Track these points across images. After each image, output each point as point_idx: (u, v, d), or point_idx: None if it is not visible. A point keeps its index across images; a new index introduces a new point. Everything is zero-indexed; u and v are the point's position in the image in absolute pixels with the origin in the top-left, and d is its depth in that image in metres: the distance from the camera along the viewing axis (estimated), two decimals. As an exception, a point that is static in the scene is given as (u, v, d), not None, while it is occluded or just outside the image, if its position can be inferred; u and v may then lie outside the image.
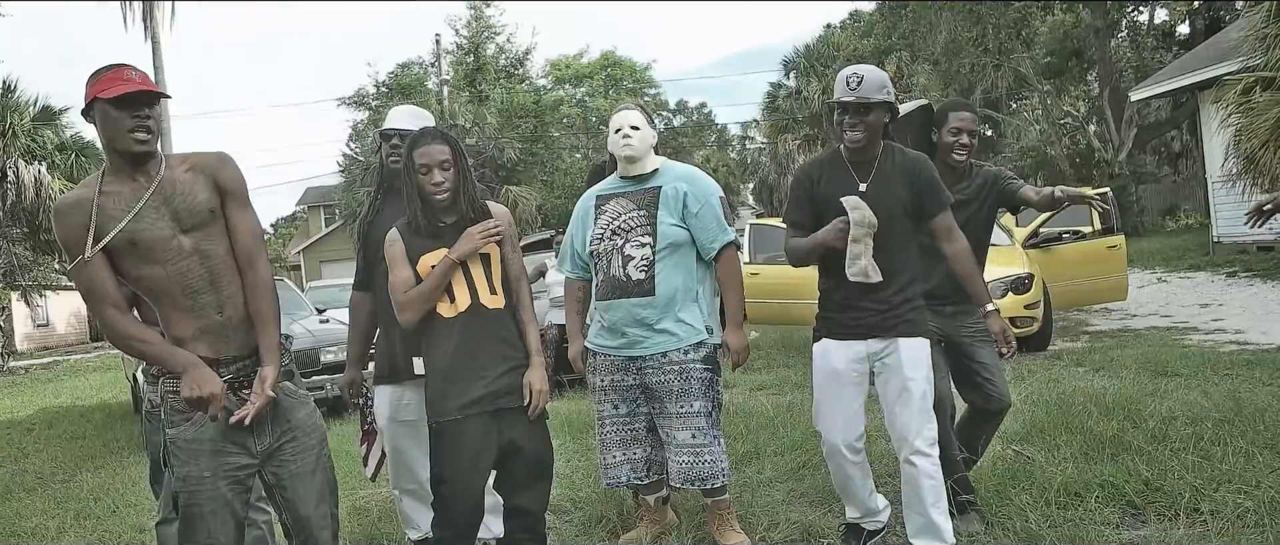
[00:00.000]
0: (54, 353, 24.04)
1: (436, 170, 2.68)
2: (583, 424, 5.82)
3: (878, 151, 3.01)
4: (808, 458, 4.42)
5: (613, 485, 3.25)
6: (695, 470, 3.08)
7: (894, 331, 2.96)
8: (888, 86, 2.96)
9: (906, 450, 2.95)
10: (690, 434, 3.08)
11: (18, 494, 5.77)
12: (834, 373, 3.04)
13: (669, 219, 3.08)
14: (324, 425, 2.50)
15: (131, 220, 2.22)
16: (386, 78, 25.86)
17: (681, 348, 3.08)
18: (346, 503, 4.60)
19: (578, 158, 28.29)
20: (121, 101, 2.20)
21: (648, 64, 32.55)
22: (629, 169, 3.20)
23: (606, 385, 3.20)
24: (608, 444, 3.22)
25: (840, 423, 3.06)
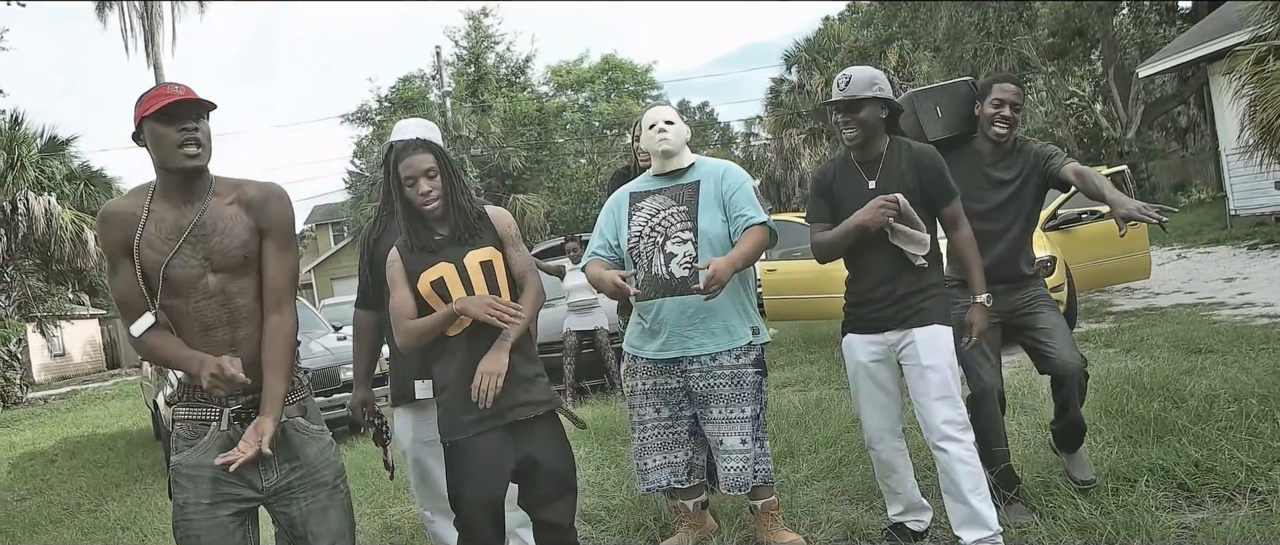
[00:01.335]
0: (71, 382, 24.10)
1: (422, 180, 2.61)
2: (609, 430, 5.76)
3: (883, 148, 3.07)
4: (843, 454, 4.35)
5: (652, 490, 3.17)
6: (744, 476, 3.01)
7: (909, 322, 3.02)
8: (878, 83, 3.02)
9: (934, 437, 2.99)
10: (739, 440, 3.00)
11: (46, 526, 5.74)
12: (859, 365, 3.13)
13: (710, 214, 3.01)
14: (340, 461, 2.40)
15: (163, 253, 2.20)
16: (388, 92, 25.89)
17: (731, 350, 3.00)
18: (378, 520, 4.55)
19: (583, 163, 28.26)
20: (168, 116, 2.16)
21: (648, 66, 32.49)
22: (665, 165, 3.12)
23: (647, 388, 3.11)
24: (647, 448, 3.13)
25: (876, 412, 3.14)
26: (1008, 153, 3.37)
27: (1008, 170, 3.35)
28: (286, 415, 2.25)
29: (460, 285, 2.63)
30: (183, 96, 2.17)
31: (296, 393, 2.31)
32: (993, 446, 3.33)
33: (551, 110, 27.08)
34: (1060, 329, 3.34)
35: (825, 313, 8.05)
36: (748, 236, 2.92)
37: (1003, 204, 3.32)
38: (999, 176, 3.34)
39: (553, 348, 7.53)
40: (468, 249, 2.66)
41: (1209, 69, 13.83)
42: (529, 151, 24.52)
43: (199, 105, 2.20)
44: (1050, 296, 3.42)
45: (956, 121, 3.42)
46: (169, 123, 2.16)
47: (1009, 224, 3.35)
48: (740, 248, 2.91)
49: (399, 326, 2.68)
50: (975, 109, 3.40)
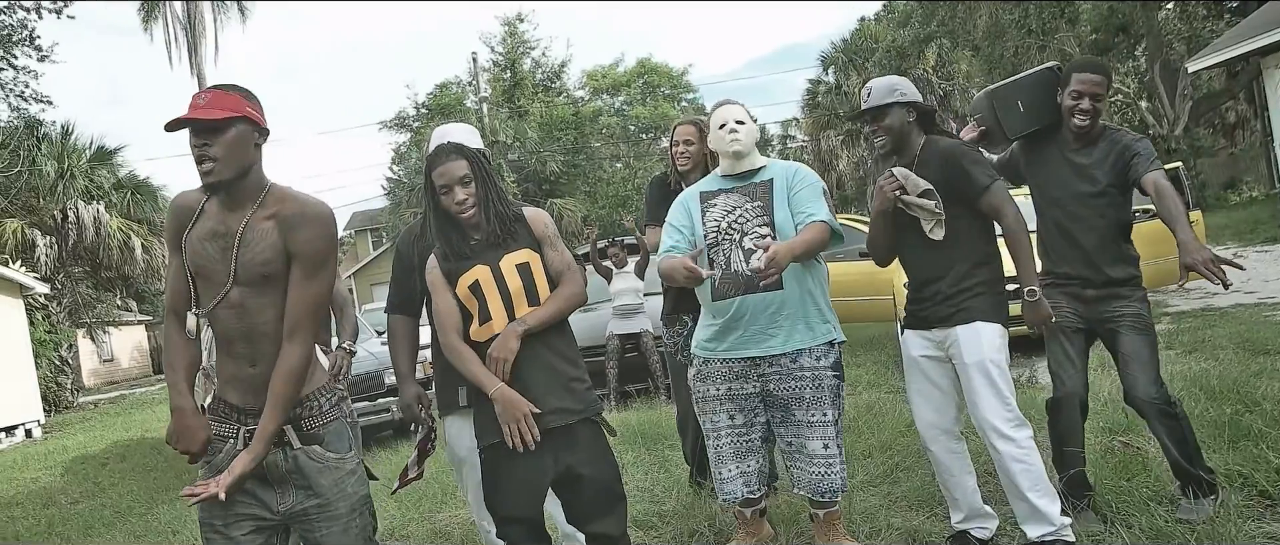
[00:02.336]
0: (119, 387, 24.53)
1: (457, 188, 2.58)
2: (655, 434, 5.70)
3: (917, 148, 3.08)
4: (900, 459, 4.25)
5: (729, 501, 3.06)
6: (827, 481, 2.92)
7: (952, 321, 3.02)
8: (899, 89, 3.07)
9: (986, 436, 2.99)
10: (822, 444, 2.92)
11: (98, 529, 5.81)
12: (912, 361, 3.17)
13: (786, 210, 2.93)
14: (361, 491, 2.29)
15: (200, 255, 2.20)
16: (426, 99, 26.09)
17: (811, 350, 2.91)
18: (426, 525, 4.53)
19: (619, 167, 28.25)
20: (177, 130, 2.14)
21: (684, 69, 32.38)
22: (736, 165, 3.04)
23: (721, 393, 3.01)
24: (722, 457, 3.03)
25: (928, 407, 3.15)
26: (1094, 140, 3.22)
27: (1090, 158, 3.21)
28: (303, 443, 2.19)
29: (495, 288, 2.60)
30: (186, 116, 2.12)
31: (316, 419, 2.23)
32: (1065, 448, 3.25)
33: (587, 115, 27.13)
34: (1140, 357, 3.15)
35: (871, 315, 7.93)
36: (809, 228, 2.86)
37: (1086, 196, 3.20)
38: (1081, 162, 3.22)
39: (596, 351, 7.49)
40: (503, 252, 2.63)
41: (1262, 63, 13.47)
42: (565, 156, 24.59)
43: (203, 123, 2.12)
44: (1144, 315, 3.20)
45: (1041, 112, 3.29)
46: (192, 135, 2.14)
47: (1093, 218, 3.20)
48: (801, 236, 2.84)
49: (444, 338, 2.67)
50: (1059, 97, 3.26)
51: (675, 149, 4.17)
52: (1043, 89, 3.29)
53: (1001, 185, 3.00)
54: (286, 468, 2.19)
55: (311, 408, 2.22)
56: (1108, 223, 3.21)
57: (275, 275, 2.15)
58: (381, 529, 4.47)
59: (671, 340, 4.28)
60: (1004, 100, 3.34)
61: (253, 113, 2.18)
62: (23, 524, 6.43)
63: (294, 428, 2.19)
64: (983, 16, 22.10)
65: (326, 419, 2.24)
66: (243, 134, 2.15)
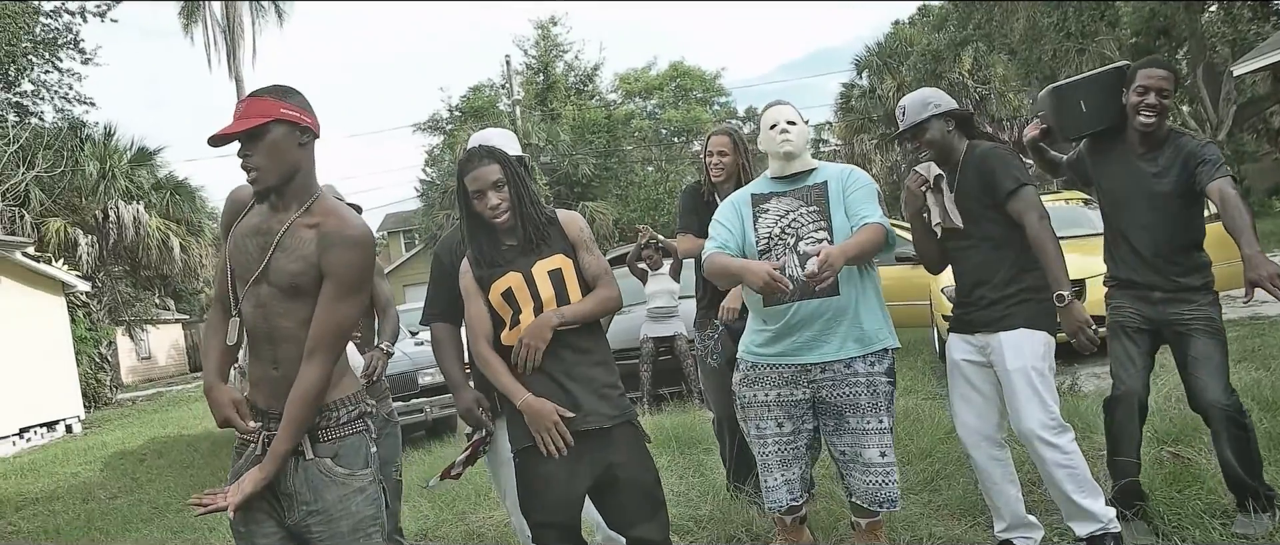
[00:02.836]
0: (156, 384, 24.90)
1: (490, 192, 2.56)
2: (690, 439, 5.66)
3: (960, 155, 3.08)
4: (940, 467, 4.18)
5: (775, 508, 2.99)
6: (884, 491, 2.85)
7: (996, 326, 3.01)
8: (933, 101, 3.10)
9: (1030, 444, 2.97)
10: (879, 452, 2.84)
11: (137, 525, 5.87)
12: (955, 365, 3.17)
13: (842, 214, 2.86)
14: (369, 512, 2.19)
15: (239, 249, 2.20)
16: (459, 101, 26.25)
17: (866, 356, 2.84)
18: (460, 527, 4.52)
19: (650, 171, 28.23)
20: (220, 145, 2.14)
21: (716, 72, 32.30)
22: (786, 167, 2.96)
23: (770, 400, 2.94)
24: (769, 464, 2.96)
25: (969, 411, 3.14)
26: (1159, 143, 3.12)
27: (1156, 163, 3.12)
28: (316, 454, 2.14)
29: (528, 295, 2.58)
30: (224, 131, 2.11)
31: (333, 430, 2.17)
32: (1118, 455, 3.18)
33: (619, 118, 27.16)
34: (1211, 361, 3.05)
35: (907, 320, 7.82)
36: (863, 230, 2.79)
37: (1151, 203, 3.11)
38: (1148, 169, 3.13)
39: (630, 354, 7.45)
40: (536, 258, 2.60)
41: (1311, 67, 13.17)
42: (597, 159, 24.64)
43: (238, 135, 2.10)
44: (1215, 319, 3.11)
45: (1105, 113, 3.20)
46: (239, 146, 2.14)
47: (1159, 226, 3.11)
48: (855, 238, 2.77)
49: (474, 346, 2.67)
50: (1124, 97, 3.17)
51: (709, 159, 4.13)
52: (1108, 89, 3.20)
53: (1029, 191, 2.94)
54: (296, 479, 2.14)
55: (329, 418, 2.16)
56: (1174, 230, 3.11)
57: (304, 285, 2.11)
58: (414, 529, 4.48)
59: (703, 344, 4.23)
60: (1066, 98, 3.26)
61: (289, 113, 2.13)
62: (63, 518, 6.51)
63: (310, 437, 2.15)
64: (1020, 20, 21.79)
65: (344, 432, 2.18)
66: (281, 136, 2.12)
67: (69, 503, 7.15)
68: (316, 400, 2.11)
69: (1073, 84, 3.33)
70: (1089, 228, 8.09)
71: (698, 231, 4.17)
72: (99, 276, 18.91)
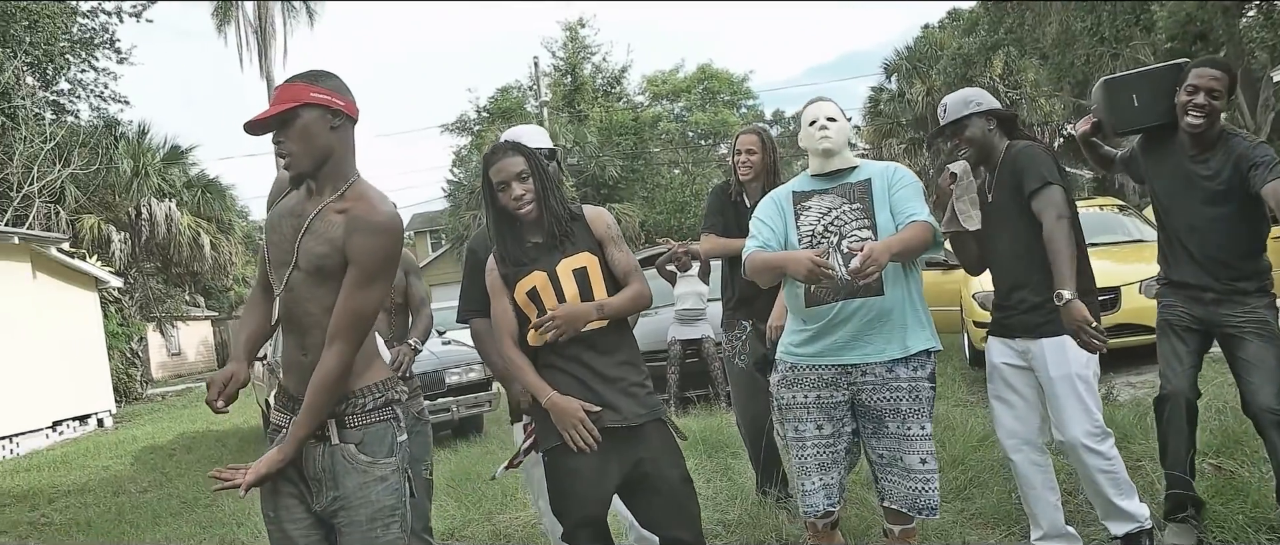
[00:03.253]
0: (186, 380, 25.17)
1: (514, 183, 2.55)
2: (717, 442, 5.62)
3: (1000, 155, 3.08)
4: (973, 475, 4.12)
5: (811, 513, 2.91)
6: (924, 498, 2.79)
7: (1039, 332, 2.98)
8: (974, 100, 3.10)
9: (1073, 450, 2.96)
10: (919, 459, 2.79)
11: (166, 519, 5.91)
12: (994, 368, 3.14)
13: (886, 212, 2.81)
14: (390, 502, 2.16)
15: (274, 230, 2.21)
16: (487, 102, 26.36)
17: (908, 361, 2.78)
18: (487, 527, 4.51)
19: (677, 173, 28.20)
20: (258, 133, 2.15)
21: (744, 75, 32.24)
22: (826, 164, 2.91)
23: (811, 402, 2.87)
24: (806, 468, 2.88)
25: (1010, 416, 3.12)
26: (1210, 145, 3.05)
27: (1207, 165, 3.04)
28: (342, 440, 2.13)
29: (553, 294, 2.56)
30: (254, 118, 2.12)
31: (357, 417, 2.15)
32: (1167, 456, 3.14)
33: (647, 120, 27.15)
34: (1264, 364, 2.97)
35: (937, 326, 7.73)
36: (908, 227, 2.74)
37: (1203, 206, 3.05)
38: (1199, 171, 3.06)
39: (657, 356, 7.42)
40: (560, 256, 2.59)
41: (1353, 72, 12.89)
42: (624, 161, 24.62)
43: (272, 120, 2.11)
44: (1270, 322, 3.03)
45: (1156, 110, 3.13)
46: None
47: (1211, 230, 3.04)
48: (899, 235, 2.72)
49: (499, 345, 2.67)
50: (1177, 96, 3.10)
51: (737, 158, 4.10)
52: (1161, 85, 3.12)
53: (1053, 190, 2.90)
54: (321, 464, 2.14)
55: (355, 405, 2.15)
56: (1227, 234, 3.04)
57: (329, 269, 2.10)
58: (441, 529, 4.47)
59: (730, 345, 4.20)
60: (1118, 92, 3.19)
61: (320, 96, 2.12)
62: (94, 510, 6.58)
63: (337, 423, 2.14)
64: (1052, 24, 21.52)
65: (369, 419, 2.16)
66: (311, 120, 2.11)
67: (100, 495, 7.22)
68: (334, 386, 2.09)
69: (1126, 78, 3.26)
70: (1123, 234, 7.97)
71: (722, 231, 4.14)
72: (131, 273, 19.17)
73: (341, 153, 2.16)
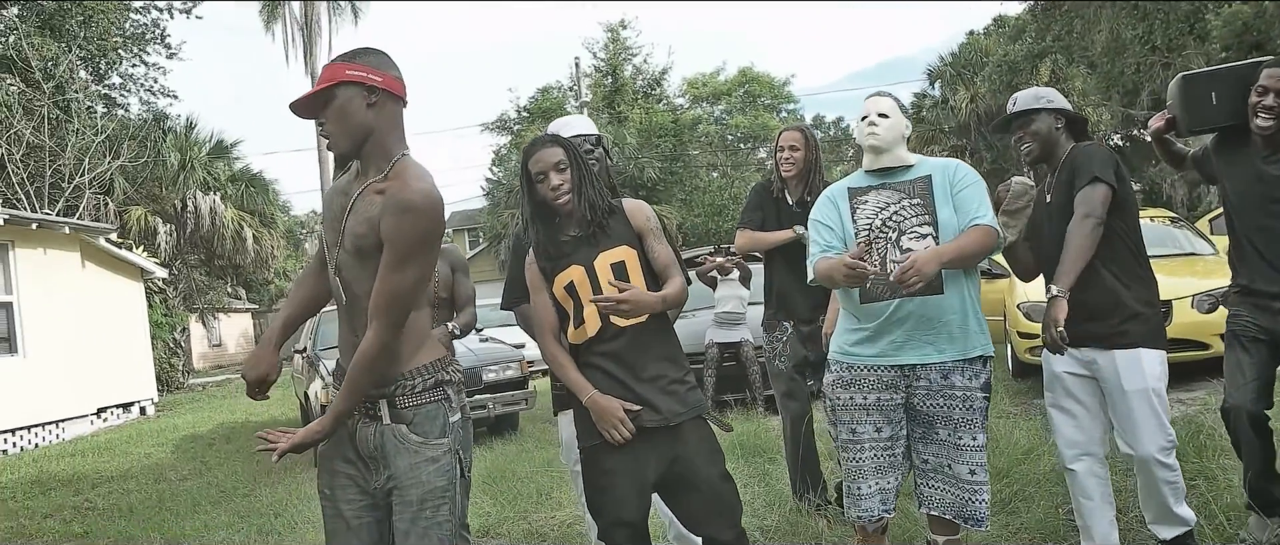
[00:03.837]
0: (226, 371, 25.57)
1: (552, 174, 2.53)
2: (754, 446, 5.57)
3: (1063, 155, 3.02)
4: (1018, 487, 4.03)
5: (865, 519, 2.80)
6: (971, 507, 2.72)
7: (1109, 343, 2.91)
8: (1045, 96, 3.05)
9: (1146, 464, 2.91)
10: (969, 469, 2.71)
11: (205, 507, 5.98)
12: (1055, 377, 3.04)
13: (950, 209, 2.73)
14: (439, 484, 2.13)
15: (327, 208, 2.22)
16: (527, 102, 26.47)
17: (964, 367, 2.70)
18: (522, 525, 4.50)
19: (715, 177, 28.10)
20: (305, 116, 2.16)
21: (786, 79, 32.04)
22: (877, 161, 2.83)
23: (870, 403, 2.76)
24: (863, 471, 2.77)
25: (1071, 425, 3.03)
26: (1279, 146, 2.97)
27: (1277, 165, 2.97)
28: (393, 419, 2.13)
29: (589, 288, 2.54)
30: (296, 99, 2.12)
31: (408, 398, 2.14)
32: (1244, 468, 3.10)
33: (686, 122, 27.08)
34: None
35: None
36: (968, 233, 2.66)
37: (1273, 209, 2.96)
38: (1270, 171, 2.98)
39: (694, 359, 7.37)
40: (598, 250, 2.56)
41: None
42: (663, 163, 24.60)
43: (313, 101, 2.11)
44: None
45: (1233, 109, 3.04)
46: None
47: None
48: (956, 241, 2.64)
49: (541, 340, 2.65)
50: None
51: (780, 155, 4.06)
52: (1242, 83, 3.02)
53: (1097, 188, 2.82)
54: (373, 443, 2.14)
55: (405, 386, 2.13)
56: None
57: (367, 249, 2.08)
58: (476, 526, 4.47)
59: (771, 346, 4.15)
60: (1195, 89, 3.10)
61: (355, 73, 2.08)
62: (136, 496, 6.68)
63: (388, 403, 2.13)
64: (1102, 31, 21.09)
65: (420, 400, 2.14)
66: (348, 99, 2.08)
67: (142, 482, 7.33)
68: (372, 366, 2.07)
69: (1204, 75, 3.17)
70: (1174, 247, 7.78)
71: (759, 227, 4.11)
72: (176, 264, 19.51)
73: (383, 130, 2.12)
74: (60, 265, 11.42)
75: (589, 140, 3.09)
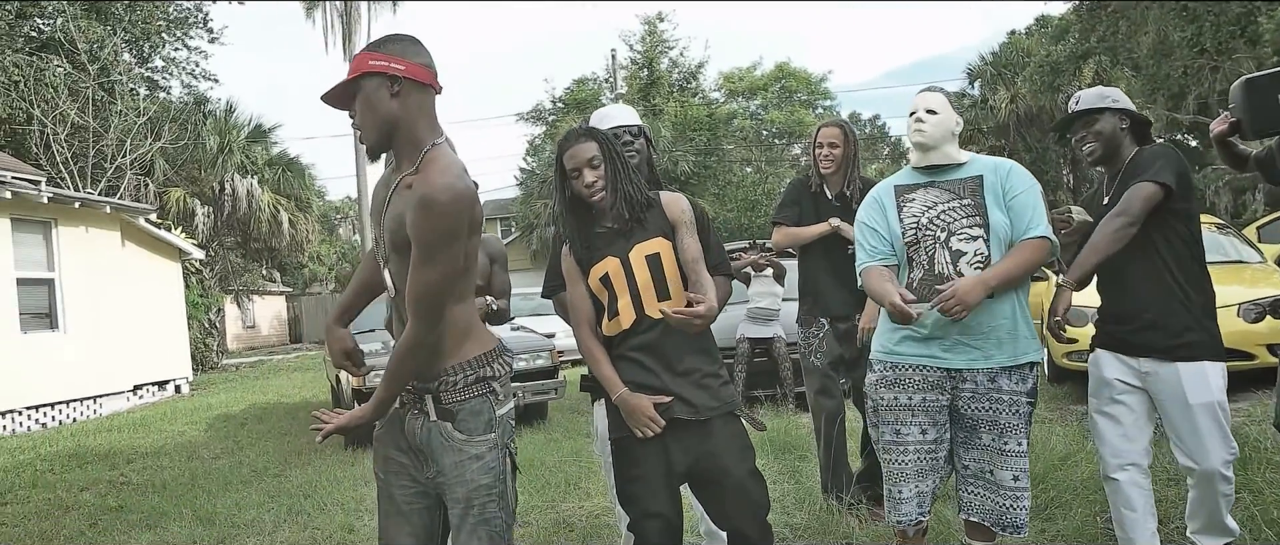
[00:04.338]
0: (259, 352, 25.89)
1: (586, 170, 2.49)
2: (783, 444, 5.52)
3: (1126, 158, 2.96)
4: (1054, 494, 3.95)
5: (904, 524, 2.72)
6: (1012, 515, 2.65)
7: (1171, 355, 2.83)
8: (1110, 95, 2.98)
9: (1209, 479, 2.85)
10: (1012, 475, 2.64)
11: (236, 486, 6.03)
12: (1105, 383, 2.96)
13: (1001, 213, 2.65)
14: (484, 481, 2.10)
15: (373, 202, 2.21)
16: (562, 93, 26.50)
17: (1011, 372, 2.62)
18: (550, 515, 4.49)
19: (749, 172, 27.97)
20: (338, 108, 2.14)
21: (823, 75, 31.78)
22: (924, 158, 2.76)
23: (916, 404, 2.69)
24: (905, 474, 2.70)
25: (1119, 435, 2.94)
26: None
27: None
28: (439, 416, 2.11)
29: (625, 280, 2.51)
30: (326, 91, 2.10)
31: (452, 394, 2.11)
32: None
33: (721, 116, 26.98)
34: None
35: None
36: (1021, 250, 2.59)
37: None
38: None
39: (725, 354, 7.33)
40: (634, 242, 2.53)
41: None
42: (697, 157, 24.53)
43: (341, 93, 2.09)
44: None
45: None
46: None
47: None
48: (1005, 263, 2.57)
49: (576, 332, 2.63)
50: None
51: (819, 151, 4.02)
52: None
53: (1143, 188, 2.77)
54: (421, 438, 2.13)
55: (448, 382, 2.11)
56: None
57: (402, 244, 2.05)
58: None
59: (806, 341, 4.10)
60: (1259, 92, 3.01)
61: (378, 63, 2.03)
62: (169, 473, 6.76)
63: (434, 399, 2.11)
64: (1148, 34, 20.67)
65: (463, 396, 2.11)
66: (372, 89, 2.04)
67: (175, 459, 7.42)
68: (408, 359, 2.06)
69: (1268, 77, 3.08)
70: (1220, 255, 7.61)
71: (795, 222, 4.06)
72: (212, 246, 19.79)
73: (411, 120, 2.07)
74: (101, 244, 11.60)
75: (630, 130, 3.05)
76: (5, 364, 9.69)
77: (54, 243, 10.73)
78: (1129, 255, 2.85)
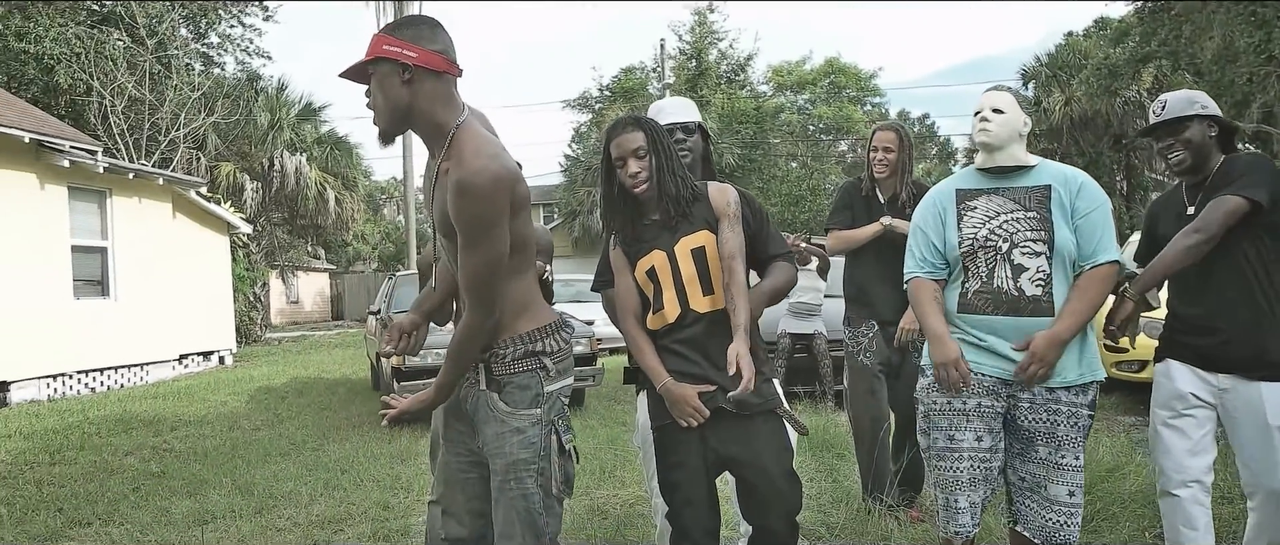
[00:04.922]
0: (302, 327, 26.28)
1: (631, 160, 2.45)
2: (822, 441, 5.45)
3: (1214, 167, 2.84)
4: (1101, 507, 3.84)
5: (960, 534, 2.61)
6: (1064, 533, 2.56)
7: (1254, 373, 2.72)
8: (1198, 101, 2.84)
9: (1260, 494, 2.76)
10: (1067, 490, 2.54)
11: (275, 458, 6.10)
12: (1177, 395, 2.82)
13: (1067, 231, 2.53)
14: (523, 456, 2.09)
15: (424, 191, 2.23)
16: (610, 82, 26.45)
17: (1071, 386, 2.52)
18: (584, 502, 4.47)
19: (794, 167, 27.73)
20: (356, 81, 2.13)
21: (873, 72, 31.36)
22: (990, 159, 2.65)
23: (970, 409, 2.58)
24: (959, 482, 2.58)
25: (1187, 450, 2.79)
26: None
27: None
28: (488, 386, 2.12)
29: (670, 274, 2.48)
30: (345, 69, 2.08)
31: (501, 366, 2.11)
32: None
33: (768, 110, 26.75)
34: None
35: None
36: (1090, 285, 2.49)
37: None
38: None
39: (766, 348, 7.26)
40: (679, 235, 2.49)
41: None
42: (743, 149, 24.37)
43: (355, 72, 2.08)
44: None
45: None
46: None
47: None
48: (1076, 306, 2.48)
49: (622, 323, 2.61)
50: None
51: (874, 155, 3.96)
52: None
53: (1226, 202, 2.66)
54: (471, 406, 2.16)
55: (498, 355, 2.12)
56: None
57: (447, 231, 2.05)
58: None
59: (855, 341, 4.03)
60: None
61: (391, 49, 1.99)
62: (211, 442, 6.87)
63: (485, 369, 2.13)
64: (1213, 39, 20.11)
65: (512, 370, 2.12)
66: (384, 75, 2.02)
67: (217, 428, 7.54)
68: (466, 344, 2.08)
69: None
70: None
71: (848, 226, 4.00)
72: (260, 221, 20.08)
73: (425, 106, 2.05)
74: (153, 215, 11.82)
75: (685, 127, 2.98)
76: (58, 329, 9.92)
77: (108, 212, 10.96)
78: (1213, 266, 2.74)
